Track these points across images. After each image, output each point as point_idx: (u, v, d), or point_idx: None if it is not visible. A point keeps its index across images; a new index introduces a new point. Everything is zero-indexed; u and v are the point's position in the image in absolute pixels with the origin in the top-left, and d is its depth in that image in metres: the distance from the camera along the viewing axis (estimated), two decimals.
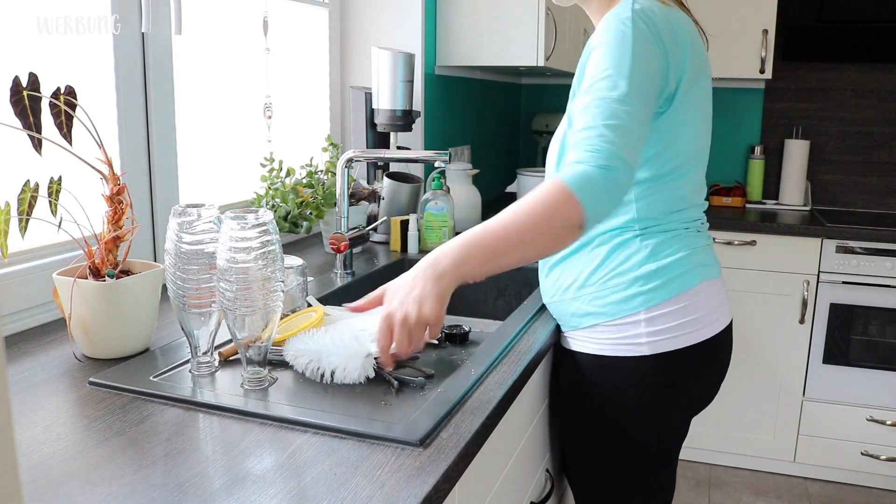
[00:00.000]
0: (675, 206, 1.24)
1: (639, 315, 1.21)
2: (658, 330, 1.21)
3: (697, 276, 1.23)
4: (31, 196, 1.07)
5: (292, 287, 1.29)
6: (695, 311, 1.23)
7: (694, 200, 1.28)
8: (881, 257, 2.57)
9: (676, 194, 1.23)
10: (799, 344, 2.69)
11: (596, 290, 1.24)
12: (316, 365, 1.03)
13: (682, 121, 1.19)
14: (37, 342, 1.21)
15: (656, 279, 1.21)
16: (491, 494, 1.08)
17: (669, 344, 1.22)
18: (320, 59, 2.28)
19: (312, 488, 0.78)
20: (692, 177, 1.25)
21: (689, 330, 1.23)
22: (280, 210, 1.82)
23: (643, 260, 1.21)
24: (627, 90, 1.07)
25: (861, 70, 3.03)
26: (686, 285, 1.22)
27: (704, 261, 1.26)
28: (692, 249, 1.24)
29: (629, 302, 1.21)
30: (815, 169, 3.12)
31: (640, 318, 1.21)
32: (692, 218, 1.28)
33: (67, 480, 0.79)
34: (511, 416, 1.16)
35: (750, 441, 2.81)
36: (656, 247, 1.22)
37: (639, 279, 1.21)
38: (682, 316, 1.22)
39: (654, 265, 1.21)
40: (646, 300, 1.21)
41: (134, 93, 1.49)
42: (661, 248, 1.22)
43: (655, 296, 1.21)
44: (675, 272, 1.21)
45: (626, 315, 1.22)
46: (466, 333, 1.30)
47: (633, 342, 1.23)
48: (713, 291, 1.26)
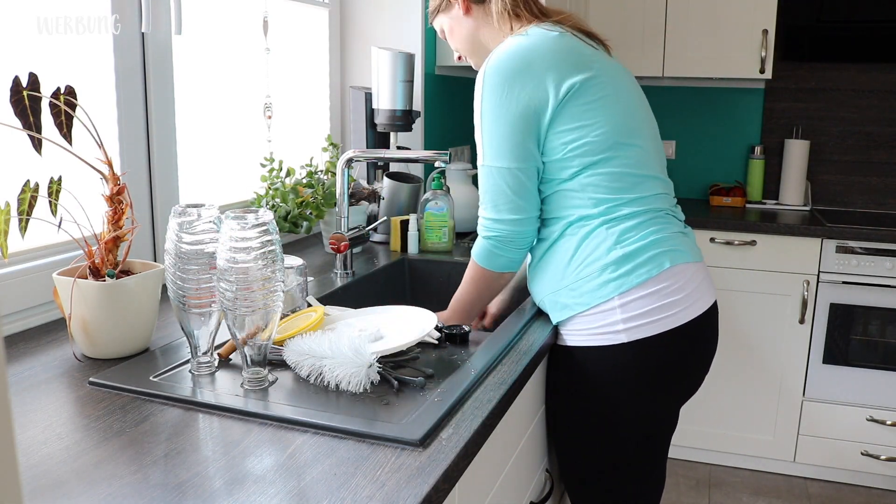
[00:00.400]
0: (625, 182, 1.28)
1: (613, 301, 1.25)
2: (633, 315, 1.24)
3: (667, 260, 1.25)
4: (31, 196, 1.07)
5: (292, 287, 1.29)
6: (669, 294, 1.25)
7: (642, 174, 1.30)
8: (881, 257, 2.57)
9: (619, 171, 1.27)
10: (799, 344, 2.69)
11: (571, 281, 1.29)
12: (318, 373, 1.03)
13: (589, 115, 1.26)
14: (37, 342, 1.21)
15: (625, 264, 1.24)
16: (491, 494, 1.08)
17: (646, 330, 1.25)
18: (320, 59, 2.28)
19: (312, 488, 0.78)
20: (630, 153, 1.29)
21: (665, 314, 1.25)
22: (280, 210, 1.82)
23: (610, 247, 1.25)
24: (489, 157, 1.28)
25: (861, 70, 3.03)
26: (656, 269, 1.25)
27: (674, 246, 1.28)
28: (660, 235, 1.28)
29: (602, 289, 1.25)
30: (815, 169, 3.12)
31: (615, 305, 1.24)
32: (653, 196, 1.31)
33: (67, 480, 0.79)
34: (511, 416, 1.16)
35: (750, 441, 2.81)
36: (622, 233, 1.26)
37: (608, 266, 1.25)
38: (656, 300, 1.24)
39: (621, 250, 1.25)
40: (618, 286, 1.24)
41: (134, 93, 1.49)
42: (627, 233, 1.26)
43: (626, 280, 1.24)
44: (642, 256, 1.25)
45: (600, 303, 1.25)
46: (466, 333, 1.30)
47: (611, 330, 1.26)
48: (688, 275, 1.28)
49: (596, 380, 1.30)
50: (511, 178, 1.27)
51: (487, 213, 1.32)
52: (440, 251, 1.95)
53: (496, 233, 1.31)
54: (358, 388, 1.00)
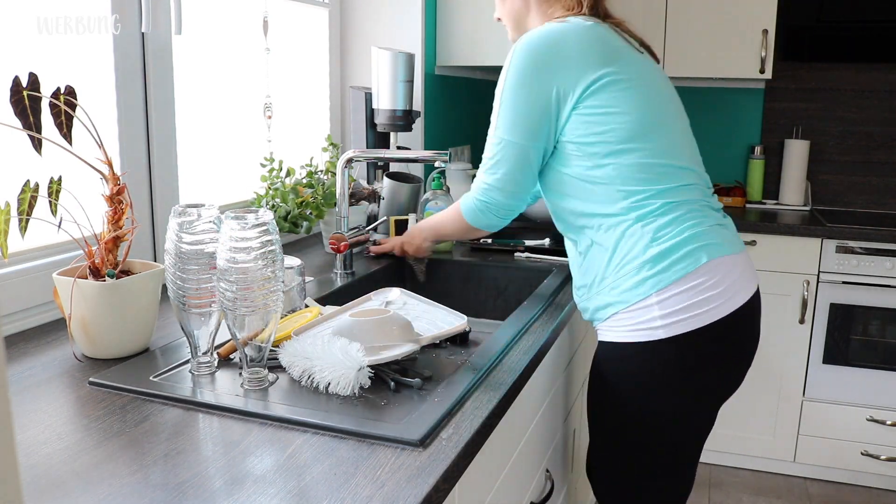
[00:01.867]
0: (654, 172, 1.27)
1: (651, 298, 1.25)
2: (671, 312, 1.24)
3: (703, 255, 1.25)
4: (31, 196, 1.07)
5: (291, 287, 1.29)
6: (707, 290, 1.25)
7: (672, 164, 1.29)
8: (881, 257, 2.57)
9: (647, 162, 1.27)
10: (799, 344, 2.69)
11: (612, 280, 1.30)
12: (309, 374, 1.03)
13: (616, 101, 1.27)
14: (37, 342, 1.21)
15: (662, 261, 1.25)
16: (491, 494, 1.08)
17: (684, 325, 1.25)
18: (320, 59, 2.28)
19: (312, 488, 0.78)
20: (658, 142, 1.29)
21: (702, 309, 1.25)
22: (280, 210, 1.81)
23: (647, 244, 1.26)
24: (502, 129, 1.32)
25: (861, 70, 3.03)
26: (692, 264, 1.24)
27: (711, 239, 1.27)
28: (695, 230, 1.27)
29: (640, 287, 1.26)
30: (815, 169, 3.12)
31: (653, 302, 1.25)
32: (686, 187, 1.30)
33: (67, 480, 0.79)
34: (511, 416, 1.16)
35: (750, 441, 2.80)
36: (657, 229, 1.26)
37: (646, 263, 1.25)
38: (693, 296, 1.24)
39: (656, 248, 1.25)
40: (655, 283, 1.24)
41: (134, 93, 1.49)
42: (662, 229, 1.26)
43: (664, 277, 1.24)
44: (678, 252, 1.25)
45: (639, 300, 1.26)
46: (466, 333, 1.30)
47: (649, 326, 1.26)
48: (725, 268, 1.27)
49: (635, 375, 1.30)
50: (519, 154, 1.31)
51: (486, 179, 1.36)
52: (440, 251, 1.95)
53: (488, 199, 1.37)
54: (346, 391, 1.00)
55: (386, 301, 1.38)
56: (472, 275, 1.87)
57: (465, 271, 1.88)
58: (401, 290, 1.41)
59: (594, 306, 1.34)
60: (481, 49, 2.39)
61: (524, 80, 1.28)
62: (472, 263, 1.88)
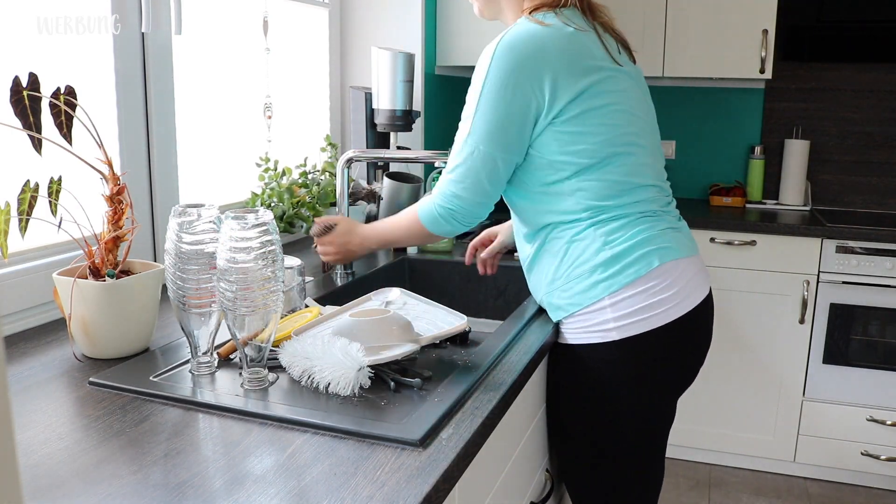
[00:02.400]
0: (617, 189, 1.28)
1: (603, 301, 1.27)
2: (624, 314, 1.26)
3: (655, 258, 1.27)
4: (31, 196, 1.07)
5: (291, 287, 1.29)
6: (659, 292, 1.26)
7: (636, 182, 1.30)
8: (881, 257, 2.57)
9: (613, 179, 1.28)
10: (799, 344, 2.69)
11: (563, 283, 1.31)
12: (309, 374, 1.03)
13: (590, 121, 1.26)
14: (37, 342, 1.21)
15: (614, 264, 1.26)
16: (491, 494, 1.08)
17: (637, 327, 1.26)
18: (320, 59, 2.28)
19: (312, 488, 0.78)
20: (626, 161, 1.29)
21: (655, 311, 1.26)
22: (276, 210, 1.82)
23: (599, 248, 1.27)
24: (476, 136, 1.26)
25: (861, 70, 3.03)
26: (644, 268, 1.26)
27: (663, 243, 1.29)
28: (648, 234, 1.28)
29: (592, 290, 1.27)
30: (815, 169, 3.12)
31: (606, 305, 1.27)
32: (644, 201, 1.31)
33: (67, 480, 0.79)
34: (511, 416, 1.16)
35: (750, 441, 2.80)
36: (609, 233, 1.27)
37: (598, 267, 1.27)
38: (645, 299, 1.26)
39: (609, 252, 1.26)
40: (607, 286, 1.26)
41: (134, 93, 1.49)
42: (615, 233, 1.27)
43: (616, 281, 1.26)
44: (630, 256, 1.26)
45: (591, 303, 1.27)
46: (466, 333, 1.30)
47: (602, 328, 1.28)
48: (678, 272, 1.29)
49: (591, 376, 1.32)
50: (490, 165, 1.27)
51: (452, 188, 1.30)
52: (440, 251, 1.95)
53: (453, 206, 1.31)
54: (346, 391, 1.00)
55: (386, 301, 1.38)
56: (472, 275, 1.87)
57: (465, 271, 1.88)
58: (401, 290, 1.41)
59: (548, 307, 1.36)
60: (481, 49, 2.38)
61: (504, 87, 1.23)
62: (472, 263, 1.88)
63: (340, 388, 1.00)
